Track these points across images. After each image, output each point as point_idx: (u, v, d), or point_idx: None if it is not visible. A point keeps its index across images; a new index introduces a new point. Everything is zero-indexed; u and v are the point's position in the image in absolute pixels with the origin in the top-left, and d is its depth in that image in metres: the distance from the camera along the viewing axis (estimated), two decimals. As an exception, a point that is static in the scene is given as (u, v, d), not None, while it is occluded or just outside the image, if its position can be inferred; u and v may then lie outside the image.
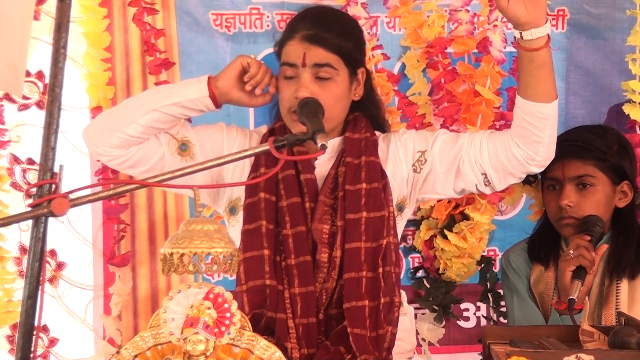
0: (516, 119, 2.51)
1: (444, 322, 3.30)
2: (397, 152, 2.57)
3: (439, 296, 3.25)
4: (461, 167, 2.53)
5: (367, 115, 2.60)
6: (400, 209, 2.58)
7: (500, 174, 2.54)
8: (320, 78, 2.45)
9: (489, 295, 3.29)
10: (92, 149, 2.53)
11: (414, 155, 2.57)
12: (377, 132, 2.61)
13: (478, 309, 3.40)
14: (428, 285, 3.27)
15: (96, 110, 3.11)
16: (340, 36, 2.48)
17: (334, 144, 2.53)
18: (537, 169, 2.57)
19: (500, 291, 3.18)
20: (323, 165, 2.52)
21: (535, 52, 2.40)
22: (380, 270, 2.43)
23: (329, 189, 2.49)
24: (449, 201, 3.13)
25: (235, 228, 2.54)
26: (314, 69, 2.44)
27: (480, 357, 3.25)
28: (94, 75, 3.11)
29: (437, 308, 3.28)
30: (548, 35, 2.43)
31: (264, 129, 2.63)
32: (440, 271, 3.21)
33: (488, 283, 3.28)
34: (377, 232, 2.45)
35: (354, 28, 2.60)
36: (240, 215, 2.52)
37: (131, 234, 3.23)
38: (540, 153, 2.50)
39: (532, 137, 2.48)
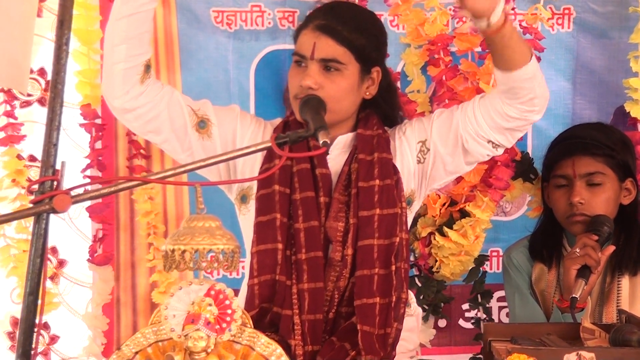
0: (503, 88, 2.44)
1: (429, 321, 3.26)
2: (402, 146, 2.56)
3: (430, 295, 3.23)
4: (467, 146, 2.51)
5: (379, 113, 2.58)
6: (409, 202, 2.57)
7: (505, 134, 2.51)
8: (327, 68, 2.44)
9: (478, 295, 3.27)
10: (117, 104, 2.39)
11: (416, 147, 2.56)
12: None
13: (479, 309, 3.37)
14: (420, 284, 3.24)
15: (86, 107, 3.10)
16: (354, 31, 2.46)
17: (346, 139, 2.52)
18: (538, 116, 2.49)
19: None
20: (335, 160, 2.51)
21: (502, 29, 2.33)
22: (393, 267, 2.43)
23: (342, 186, 2.48)
24: (439, 196, 3.13)
25: (246, 217, 2.53)
26: (322, 63, 2.44)
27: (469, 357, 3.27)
28: (84, 72, 3.09)
29: (427, 307, 3.24)
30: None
31: (278, 121, 2.60)
32: (434, 269, 3.19)
33: (475, 283, 3.26)
34: (390, 229, 2.44)
35: (372, 25, 2.56)
36: (251, 205, 2.51)
37: (130, 231, 3.23)
38: (536, 104, 2.44)
39: (526, 97, 2.42)
